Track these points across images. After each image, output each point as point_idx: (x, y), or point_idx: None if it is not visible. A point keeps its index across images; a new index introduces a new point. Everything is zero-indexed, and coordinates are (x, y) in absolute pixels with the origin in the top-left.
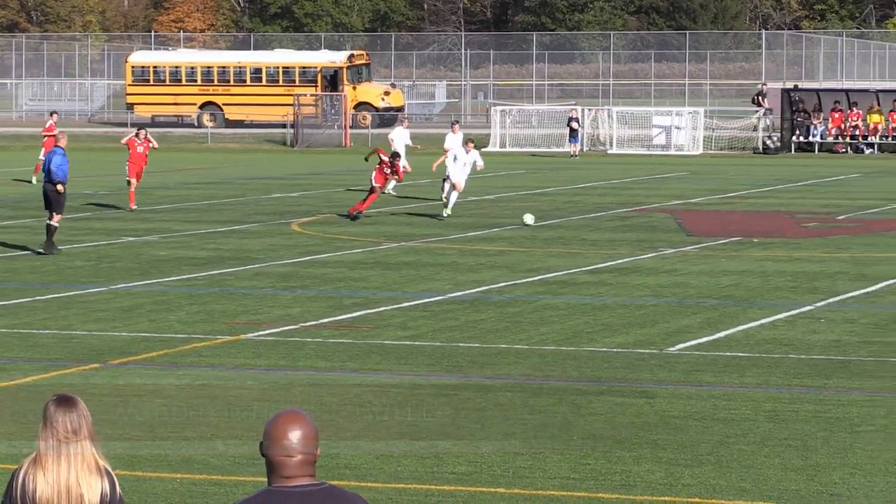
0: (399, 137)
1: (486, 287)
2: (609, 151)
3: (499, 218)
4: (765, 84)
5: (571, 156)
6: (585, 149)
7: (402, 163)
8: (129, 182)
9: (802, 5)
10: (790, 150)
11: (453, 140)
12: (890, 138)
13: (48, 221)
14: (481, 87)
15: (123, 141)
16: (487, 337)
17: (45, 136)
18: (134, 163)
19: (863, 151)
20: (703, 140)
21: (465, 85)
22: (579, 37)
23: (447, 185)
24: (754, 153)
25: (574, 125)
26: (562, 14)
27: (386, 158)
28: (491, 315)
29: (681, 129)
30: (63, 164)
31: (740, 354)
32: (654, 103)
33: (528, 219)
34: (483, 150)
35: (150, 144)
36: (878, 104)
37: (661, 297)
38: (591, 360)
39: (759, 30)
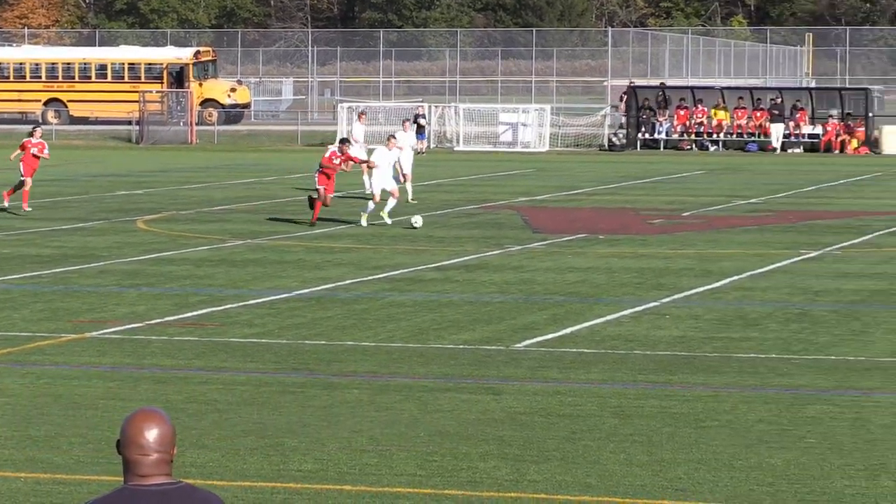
0: (359, 133)
1: (333, 284)
2: (456, 148)
3: (345, 215)
4: (632, 81)
5: (418, 153)
6: (432, 146)
7: (360, 154)
8: (23, 181)
9: (648, 3)
10: (636, 148)
11: (405, 138)
12: (734, 135)
13: None
14: (328, 83)
15: (15, 153)
16: (334, 334)
17: None
18: (27, 164)
19: (707, 148)
20: (550, 137)
21: (311, 82)
22: (426, 34)
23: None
24: (600, 150)
25: (421, 122)
26: (409, 11)
27: (332, 155)
28: (337, 312)
29: (527, 126)
30: None
31: (586, 350)
32: (501, 100)
33: (417, 221)
34: (331, 146)
35: (44, 152)
36: (723, 101)
37: (508, 293)
38: (438, 357)
39: (606, 27)
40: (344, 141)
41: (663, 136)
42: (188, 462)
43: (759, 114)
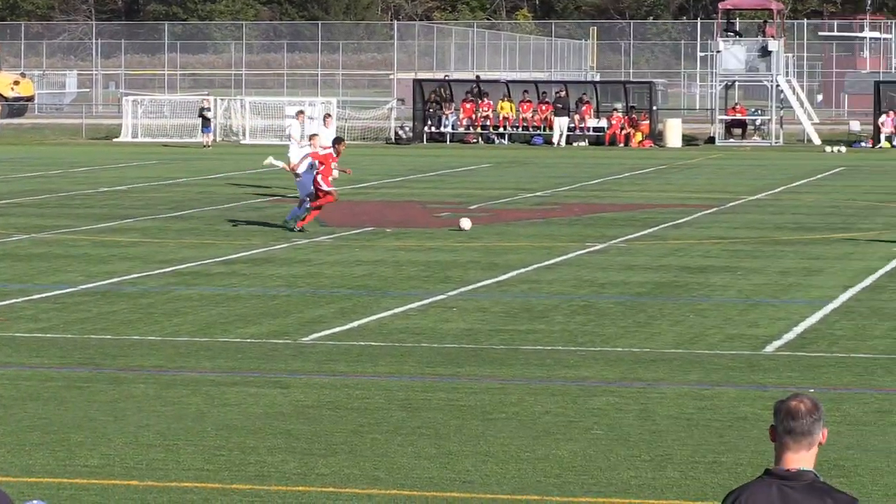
0: (296, 131)
1: (119, 278)
2: (242, 142)
3: (131, 209)
4: (447, 75)
5: (204, 146)
6: (218, 139)
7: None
8: None
9: None
10: (422, 141)
11: (326, 135)
12: (520, 129)
13: None
14: (113, 76)
15: None
16: (120, 329)
17: None
18: None
19: (493, 142)
20: (337, 130)
21: (96, 75)
22: (212, 27)
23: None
24: (387, 143)
25: (207, 115)
26: (194, 4)
27: (323, 153)
28: (124, 307)
29: (314, 119)
30: None
31: (374, 344)
32: (287, 94)
33: (465, 223)
34: (115, 140)
35: None
36: (509, 95)
37: (295, 287)
38: (225, 351)
39: (391, 21)
40: (338, 140)
41: (449, 129)
42: None
43: (544, 107)
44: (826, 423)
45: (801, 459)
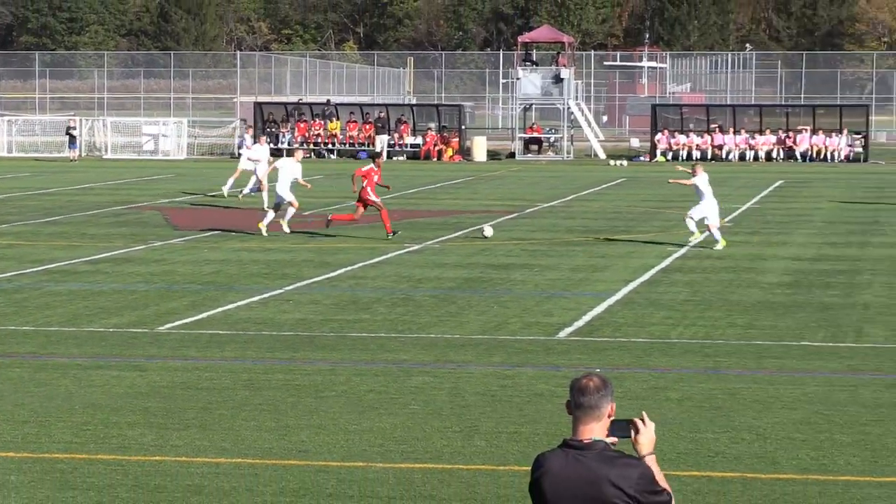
0: (248, 142)
1: None
2: (105, 157)
3: (7, 216)
4: (301, 98)
5: (71, 160)
6: (84, 154)
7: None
8: None
9: (272, 30)
10: None
11: (260, 151)
12: (347, 145)
13: None
14: None
15: None
16: None
17: None
18: None
19: (324, 156)
20: (187, 146)
21: None
22: (77, 56)
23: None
24: (231, 158)
25: (73, 133)
26: (61, 36)
27: (365, 169)
28: (0, 301)
29: (167, 137)
30: None
31: (221, 332)
32: (144, 114)
33: (488, 231)
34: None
35: None
36: (337, 115)
37: (152, 283)
38: (91, 339)
39: (235, 51)
40: (376, 155)
41: (286, 145)
42: None
43: (367, 126)
44: (614, 398)
45: (592, 430)
